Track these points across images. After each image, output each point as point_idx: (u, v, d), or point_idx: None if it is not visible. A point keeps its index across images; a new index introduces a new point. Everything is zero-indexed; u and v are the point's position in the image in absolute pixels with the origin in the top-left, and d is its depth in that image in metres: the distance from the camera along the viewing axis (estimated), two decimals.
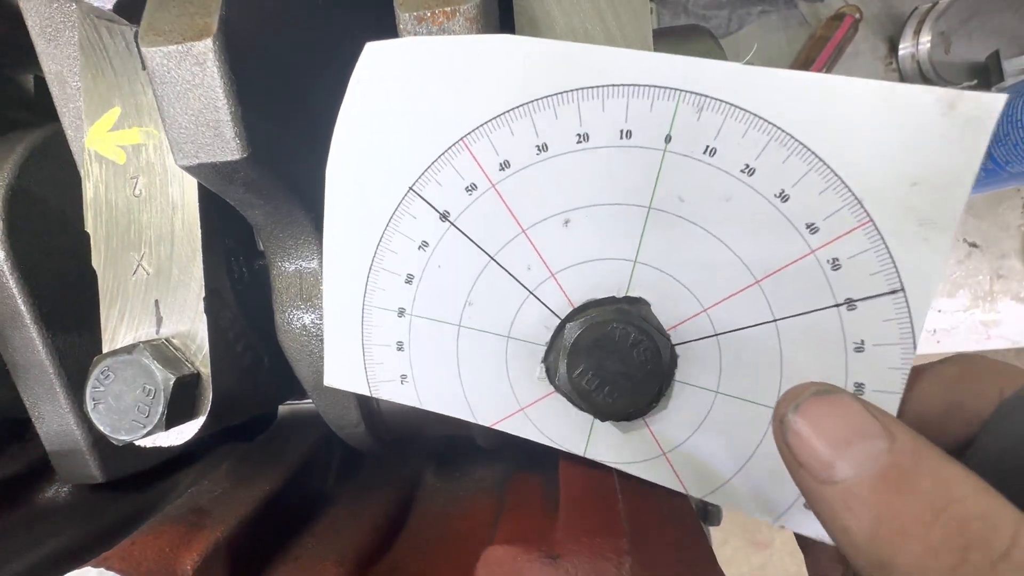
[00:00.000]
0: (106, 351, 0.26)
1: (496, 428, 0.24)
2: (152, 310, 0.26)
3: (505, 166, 0.21)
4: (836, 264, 0.20)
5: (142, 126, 0.27)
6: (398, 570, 0.31)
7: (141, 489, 0.37)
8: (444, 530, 0.34)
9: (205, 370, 0.26)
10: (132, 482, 0.35)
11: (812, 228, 0.19)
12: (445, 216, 0.22)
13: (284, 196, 0.26)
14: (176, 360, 0.26)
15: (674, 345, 0.22)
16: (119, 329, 0.27)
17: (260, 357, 0.31)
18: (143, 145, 0.27)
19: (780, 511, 0.22)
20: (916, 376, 0.20)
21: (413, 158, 0.22)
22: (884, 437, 0.15)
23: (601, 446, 0.24)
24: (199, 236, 0.26)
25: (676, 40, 0.33)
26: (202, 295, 0.26)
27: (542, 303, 0.23)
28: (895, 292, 0.19)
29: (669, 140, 0.20)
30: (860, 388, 0.20)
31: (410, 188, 0.22)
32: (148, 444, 0.26)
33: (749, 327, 0.21)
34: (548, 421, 0.24)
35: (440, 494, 0.38)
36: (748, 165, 0.20)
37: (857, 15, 0.75)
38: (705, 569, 0.23)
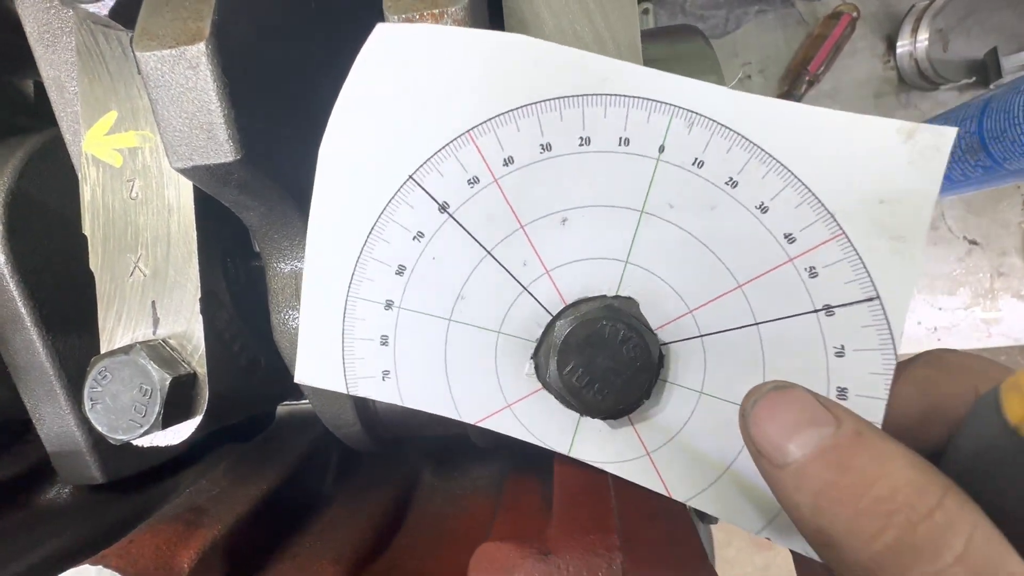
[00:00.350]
0: (104, 352, 0.26)
1: (480, 426, 0.24)
2: (149, 311, 0.27)
3: (509, 162, 0.22)
4: (813, 272, 0.21)
5: (138, 129, 0.27)
6: (395, 569, 0.31)
7: (141, 490, 0.37)
8: (441, 529, 0.35)
9: (201, 370, 0.26)
10: (132, 483, 0.36)
11: (790, 238, 0.21)
12: (444, 207, 0.22)
13: (278, 197, 0.26)
14: (172, 360, 0.26)
15: (662, 344, 0.22)
16: (116, 330, 0.27)
17: (256, 357, 0.31)
18: (139, 148, 0.27)
19: (762, 524, 0.22)
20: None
21: (415, 146, 0.22)
22: (831, 423, 0.16)
23: (586, 444, 0.24)
24: (195, 238, 0.27)
25: (668, 40, 0.33)
26: (198, 296, 0.26)
27: (535, 299, 0.23)
28: (871, 300, 0.20)
29: (663, 150, 0.21)
30: (843, 392, 0.21)
31: (410, 176, 0.22)
32: (145, 444, 0.26)
33: (732, 329, 0.22)
34: (534, 418, 0.24)
35: (438, 493, 0.38)
36: (732, 178, 0.21)
37: (854, 13, 0.75)
38: (696, 566, 0.23)
